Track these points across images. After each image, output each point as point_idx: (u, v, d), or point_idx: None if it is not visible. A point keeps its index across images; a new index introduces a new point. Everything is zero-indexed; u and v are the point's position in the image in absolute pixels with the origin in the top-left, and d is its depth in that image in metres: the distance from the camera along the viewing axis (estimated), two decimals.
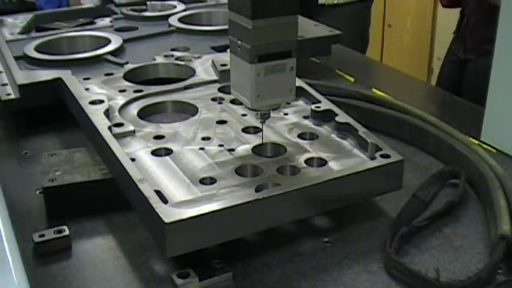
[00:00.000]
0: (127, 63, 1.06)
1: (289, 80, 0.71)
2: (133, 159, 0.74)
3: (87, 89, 0.93)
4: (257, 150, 0.78)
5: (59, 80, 0.96)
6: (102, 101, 0.87)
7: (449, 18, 1.82)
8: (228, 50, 0.72)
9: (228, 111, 0.89)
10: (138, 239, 0.72)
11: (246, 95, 0.71)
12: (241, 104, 0.92)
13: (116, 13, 1.35)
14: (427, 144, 0.91)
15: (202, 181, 0.71)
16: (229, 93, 0.96)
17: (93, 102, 0.86)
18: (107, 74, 1.00)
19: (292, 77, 0.71)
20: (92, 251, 0.71)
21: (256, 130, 0.83)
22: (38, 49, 1.11)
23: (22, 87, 0.95)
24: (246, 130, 0.83)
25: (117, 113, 0.86)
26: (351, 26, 1.64)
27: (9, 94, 0.95)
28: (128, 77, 1.00)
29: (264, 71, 0.69)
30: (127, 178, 0.69)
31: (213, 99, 0.93)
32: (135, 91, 0.94)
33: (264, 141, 0.79)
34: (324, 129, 0.84)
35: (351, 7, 1.79)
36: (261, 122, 0.76)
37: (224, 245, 0.66)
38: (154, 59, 1.07)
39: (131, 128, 0.82)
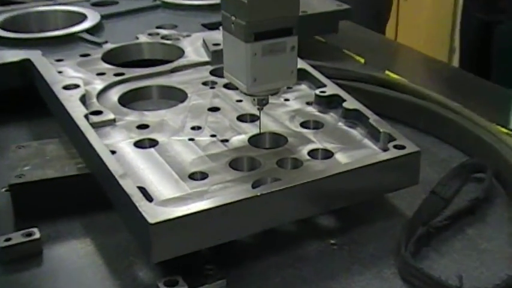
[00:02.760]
0: (106, 42, 1.06)
1: (290, 61, 0.71)
2: (113, 152, 0.74)
3: (60, 72, 0.93)
4: (254, 140, 0.78)
5: (27, 62, 0.96)
6: (77, 86, 0.87)
7: None
8: (221, 27, 0.72)
9: (222, 97, 0.89)
10: (119, 242, 0.72)
11: (241, 79, 0.71)
12: (236, 88, 0.92)
13: None
14: (448, 134, 0.92)
15: (192, 176, 0.71)
16: (222, 76, 0.96)
17: (67, 87, 0.86)
18: (82, 55, 1.00)
19: (294, 58, 0.71)
20: (66, 257, 0.71)
21: (253, 118, 0.83)
22: (2, 26, 1.11)
23: None
24: (241, 118, 0.83)
25: (95, 100, 0.86)
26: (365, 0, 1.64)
27: None
28: (107, 58, 1.00)
29: (261, 50, 0.69)
30: (106, 173, 0.69)
31: (204, 84, 0.93)
32: (116, 74, 0.94)
33: (261, 130, 0.79)
34: (330, 117, 0.84)
35: None
36: (258, 109, 0.76)
37: (217, 249, 0.67)
38: (137, 38, 1.07)
39: (111, 116, 0.82)
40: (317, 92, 0.86)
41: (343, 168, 0.71)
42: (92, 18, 1.14)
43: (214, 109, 0.86)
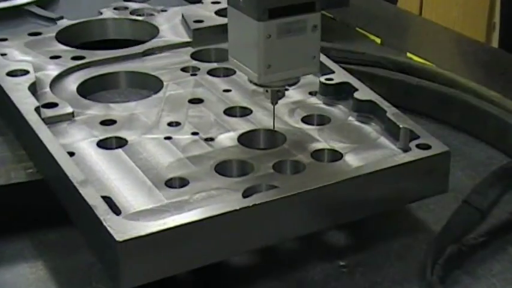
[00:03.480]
0: (61, 18, 1.06)
1: (312, 44, 0.72)
2: (72, 154, 0.75)
3: (3, 55, 0.93)
4: (245, 139, 0.79)
5: None
6: (26, 72, 0.87)
7: None
8: (226, 2, 0.73)
9: (205, 86, 0.90)
10: (78, 266, 0.72)
11: (251, 66, 0.72)
12: (224, 75, 0.93)
13: None
14: (485, 130, 0.92)
15: (170, 183, 0.72)
16: (206, 60, 0.97)
17: (12, 74, 0.87)
18: (32, 34, 1.01)
19: (316, 40, 0.72)
20: (13, 283, 0.71)
21: (244, 112, 0.84)
22: None
23: None
24: (230, 112, 0.84)
25: (48, 89, 0.87)
26: None
27: None
28: (63, 38, 1.01)
29: (276, 30, 0.69)
30: (63, 180, 0.69)
31: (184, 70, 0.93)
32: (74, 58, 0.94)
33: (256, 127, 0.80)
34: (338, 110, 0.85)
35: None
36: (271, 103, 0.77)
37: (202, 272, 0.67)
38: (101, 13, 1.08)
39: (69, 109, 0.82)
40: (322, 79, 0.87)
41: (354, 172, 0.72)
42: None
43: (196, 101, 0.86)
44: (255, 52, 0.70)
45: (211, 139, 0.79)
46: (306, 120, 0.83)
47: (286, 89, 0.88)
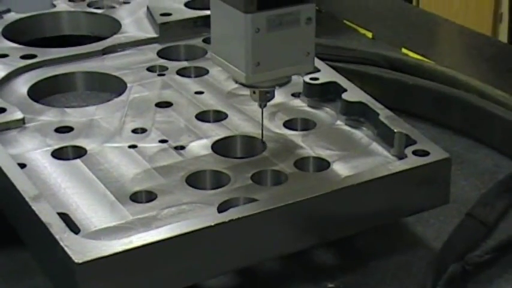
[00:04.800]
0: (8, 11, 1.06)
1: (306, 39, 0.73)
2: (23, 166, 0.75)
3: None
4: (220, 147, 0.80)
5: None
6: None
7: None
8: None
9: (174, 88, 0.90)
10: None
11: (237, 64, 0.72)
12: (195, 75, 0.93)
13: None
14: (490, 134, 0.93)
15: (135, 197, 0.72)
16: (175, 59, 0.97)
17: None
18: None
19: (310, 34, 0.73)
20: None
21: (218, 116, 0.85)
22: None
23: None
24: (202, 117, 0.85)
25: None
26: None
27: None
28: (10, 34, 1.01)
29: (266, 24, 0.70)
30: (13, 195, 0.70)
31: (150, 70, 0.94)
32: (24, 57, 0.95)
33: (231, 133, 0.81)
34: (325, 114, 0.86)
35: None
36: (259, 106, 0.78)
37: None
38: (54, 6, 1.08)
39: (19, 115, 0.82)
40: (307, 79, 0.88)
41: (343, 183, 0.72)
42: None
43: (164, 104, 0.87)
44: (242, 48, 0.70)
45: (182, 147, 0.79)
46: (288, 125, 0.84)
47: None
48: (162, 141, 0.80)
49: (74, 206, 0.71)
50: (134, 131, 0.82)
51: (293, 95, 0.89)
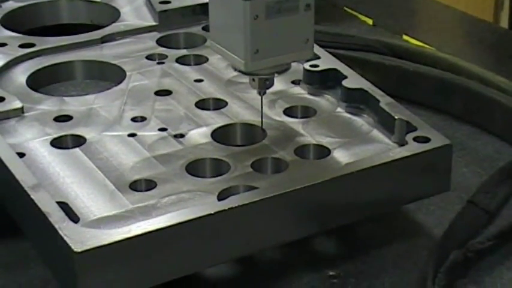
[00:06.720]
0: (7, 0, 1.06)
1: (305, 26, 0.73)
2: (21, 155, 0.75)
3: None
4: (220, 135, 0.80)
5: None
6: None
7: None
8: None
9: (174, 76, 0.90)
10: (31, 281, 0.72)
11: (236, 51, 0.72)
12: (194, 63, 0.93)
13: None
14: (492, 121, 0.94)
15: (135, 186, 0.72)
16: (174, 47, 0.97)
17: None
18: None
19: (309, 21, 0.73)
20: None
21: (218, 104, 0.85)
22: None
23: None
24: (202, 105, 0.85)
25: None
26: None
27: None
28: (8, 22, 1.01)
29: (265, 10, 0.70)
30: (12, 184, 0.70)
31: (149, 58, 0.94)
32: (22, 46, 0.95)
33: (231, 121, 0.81)
34: (325, 101, 0.86)
35: None
36: (259, 94, 0.78)
37: (173, 286, 0.67)
38: None
39: (17, 104, 0.82)
40: (307, 66, 0.88)
41: (344, 170, 0.72)
42: None
43: (163, 92, 0.87)
44: (241, 35, 0.70)
45: (182, 135, 0.79)
46: (288, 112, 0.84)
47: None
48: (162, 129, 0.80)
49: (73, 195, 0.71)
50: (133, 119, 0.82)
51: (293, 82, 0.89)
